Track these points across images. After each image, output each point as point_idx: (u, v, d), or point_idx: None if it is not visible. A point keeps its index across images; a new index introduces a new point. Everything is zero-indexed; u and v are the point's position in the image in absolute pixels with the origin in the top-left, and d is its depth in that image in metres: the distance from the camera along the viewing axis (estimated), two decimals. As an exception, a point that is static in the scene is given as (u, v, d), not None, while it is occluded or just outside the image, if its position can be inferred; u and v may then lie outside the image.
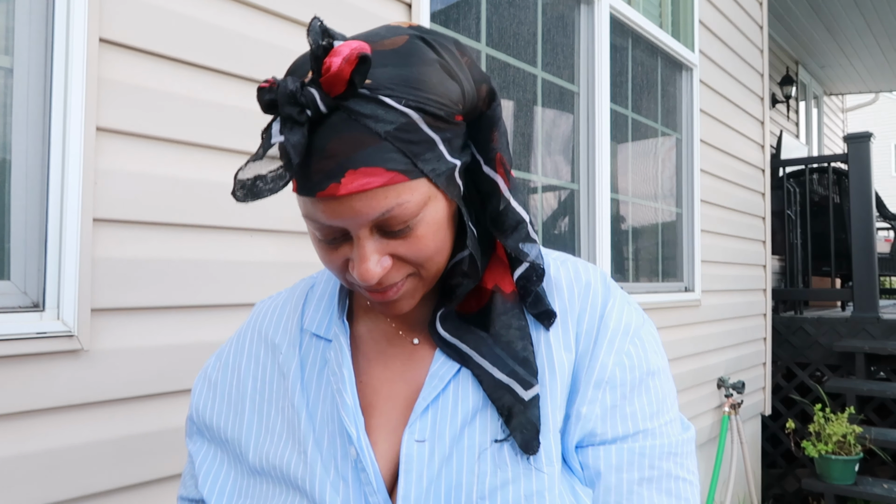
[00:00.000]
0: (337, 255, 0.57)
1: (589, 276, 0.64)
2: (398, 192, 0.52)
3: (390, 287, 0.57)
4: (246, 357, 0.71)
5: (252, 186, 0.50)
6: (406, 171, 0.51)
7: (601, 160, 2.61)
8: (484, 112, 0.58)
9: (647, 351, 0.62)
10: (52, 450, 1.11)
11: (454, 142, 0.55)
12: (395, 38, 0.53)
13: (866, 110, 10.64)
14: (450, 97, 0.53)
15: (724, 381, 3.49)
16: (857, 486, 3.37)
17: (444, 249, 0.58)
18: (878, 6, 5.59)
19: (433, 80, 0.52)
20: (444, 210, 0.56)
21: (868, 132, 4.10)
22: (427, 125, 0.52)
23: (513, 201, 0.60)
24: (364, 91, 0.50)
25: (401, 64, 0.52)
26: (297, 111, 0.49)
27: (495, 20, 2.21)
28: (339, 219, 0.52)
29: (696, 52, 3.33)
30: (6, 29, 1.10)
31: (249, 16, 1.42)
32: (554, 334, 0.61)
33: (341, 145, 0.50)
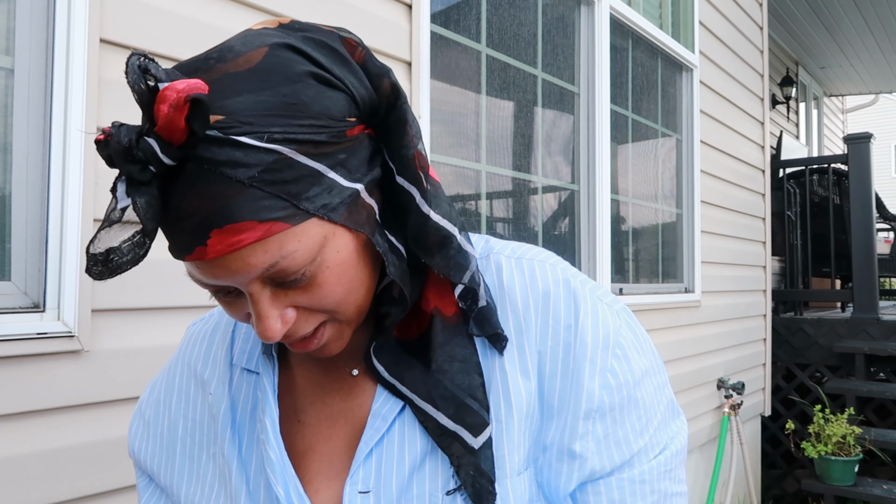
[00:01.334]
0: (238, 310, 0.49)
1: (547, 281, 0.55)
2: (280, 244, 0.44)
3: (306, 339, 0.50)
4: (176, 394, 0.63)
5: (107, 262, 0.43)
6: (286, 218, 0.43)
7: (601, 161, 2.61)
8: (390, 113, 0.49)
9: (631, 357, 0.54)
10: (53, 450, 1.11)
11: (351, 161, 0.46)
12: (251, 53, 0.44)
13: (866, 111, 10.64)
14: (332, 114, 0.45)
15: (723, 382, 3.49)
16: (856, 486, 3.37)
17: (360, 287, 0.50)
18: (878, 7, 5.59)
19: (305, 98, 0.43)
20: (349, 246, 0.48)
21: (868, 133, 4.10)
22: (305, 156, 0.43)
23: (433, 215, 0.50)
24: (214, 133, 0.41)
25: (259, 87, 0.43)
26: (138, 169, 0.41)
27: (495, 21, 2.22)
28: (218, 279, 0.45)
29: (696, 53, 3.33)
30: (7, 30, 1.10)
31: (249, 17, 1.42)
32: (509, 358, 0.53)
33: (199, 202, 0.42)
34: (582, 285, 0.55)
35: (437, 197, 0.51)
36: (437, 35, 1.96)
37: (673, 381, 3.04)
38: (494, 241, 0.60)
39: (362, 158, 0.47)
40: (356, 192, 0.47)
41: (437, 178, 0.53)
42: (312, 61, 0.45)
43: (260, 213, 0.42)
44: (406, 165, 0.49)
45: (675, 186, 3.30)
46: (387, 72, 0.48)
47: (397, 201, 0.51)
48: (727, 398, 3.47)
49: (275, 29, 0.47)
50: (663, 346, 2.96)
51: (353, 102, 0.46)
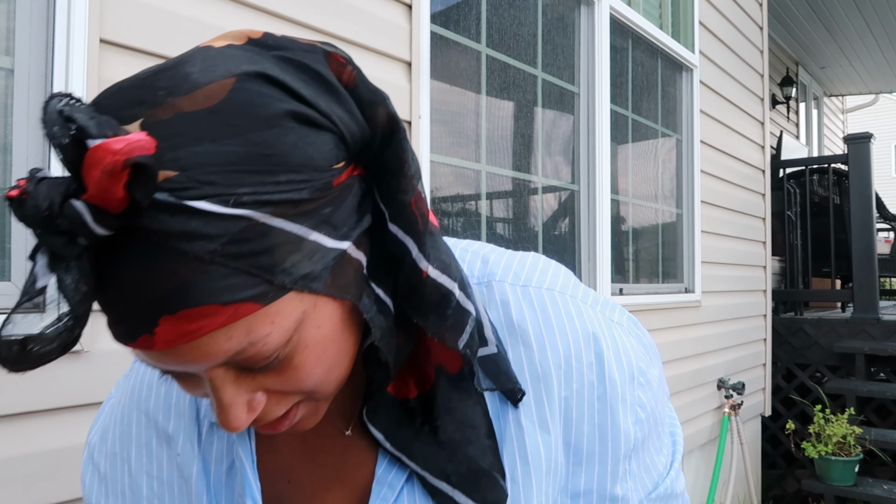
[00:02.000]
0: (193, 388, 0.41)
1: (561, 317, 0.48)
2: (248, 328, 0.35)
3: (276, 421, 0.42)
4: (136, 446, 0.54)
5: (22, 352, 0.33)
6: (256, 297, 0.35)
7: (601, 161, 2.61)
8: (384, 148, 0.40)
9: (651, 380, 0.50)
10: (53, 450, 1.11)
11: (338, 215, 0.38)
12: (212, 86, 0.34)
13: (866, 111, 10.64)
14: (316, 162, 0.36)
15: (724, 382, 3.49)
16: (856, 487, 3.37)
17: (343, 360, 0.42)
18: (878, 7, 5.59)
19: (282, 147, 0.34)
20: (332, 318, 0.40)
21: (868, 133, 4.10)
22: (282, 219, 0.35)
23: (431, 271, 0.42)
24: (165, 197, 0.32)
25: (223, 134, 0.33)
26: (64, 242, 0.32)
27: (495, 21, 2.22)
28: (169, 365, 0.37)
29: (696, 53, 3.34)
30: (7, 30, 1.10)
31: (250, 17, 1.42)
32: (525, 411, 0.46)
33: (144, 283, 0.33)
34: (593, 310, 0.50)
35: (436, 247, 0.43)
36: (437, 35, 1.96)
37: (673, 381, 3.04)
38: (492, 257, 0.52)
39: (351, 208, 0.39)
40: (343, 252, 0.38)
41: (436, 223, 0.44)
42: (292, 94, 0.36)
43: (223, 295, 0.33)
44: (402, 212, 0.40)
45: (675, 186, 3.30)
46: (382, 99, 0.39)
47: (388, 249, 0.42)
48: (727, 398, 3.47)
49: (243, 48, 0.37)
50: (663, 347, 2.96)
51: (342, 142, 0.38)
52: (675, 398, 3.08)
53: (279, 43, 0.38)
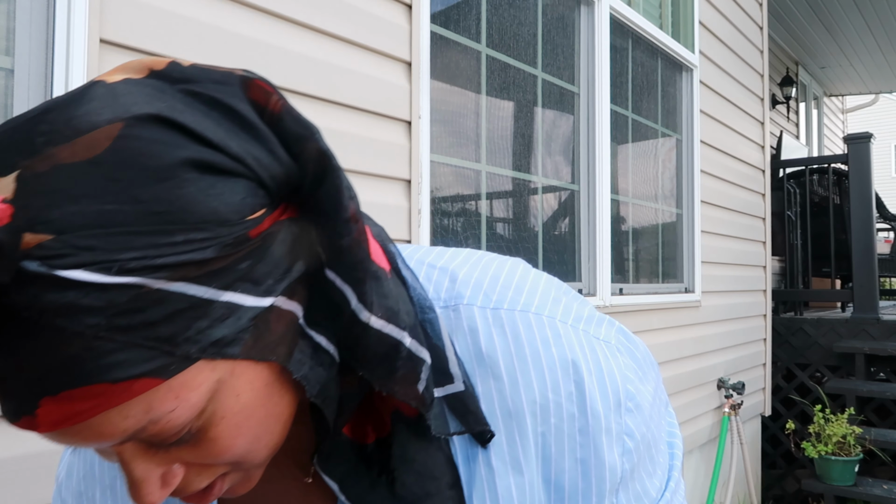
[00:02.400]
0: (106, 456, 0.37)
1: (536, 343, 0.43)
2: (147, 405, 0.31)
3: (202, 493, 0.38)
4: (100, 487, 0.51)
5: None
6: (154, 371, 0.30)
7: (601, 161, 2.62)
8: (317, 187, 0.35)
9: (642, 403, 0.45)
10: (54, 450, 1.11)
11: (259, 268, 0.33)
12: (95, 133, 0.30)
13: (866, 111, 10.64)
14: (223, 216, 0.31)
15: (724, 382, 3.49)
16: (856, 486, 3.38)
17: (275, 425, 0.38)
18: (878, 7, 5.59)
19: (179, 203, 0.30)
20: (255, 383, 0.35)
21: (868, 133, 4.10)
22: (183, 283, 0.30)
23: (374, 321, 0.37)
24: (35, 268, 0.28)
25: (105, 190, 0.29)
26: None
27: (495, 21, 2.22)
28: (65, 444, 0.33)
29: (696, 53, 3.34)
30: (7, 30, 1.10)
31: (249, 17, 1.42)
32: (496, 450, 0.42)
33: (19, 364, 0.29)
34: (574, 331, 0.44)
35: (381, 293, 0.38)
36: (436, 35, 1.96)
37: (673, 381, 3.04)
38: (462, 273, 0.46)
39: (278, 257, 0.34)
40: (267, 308, 0.34)
41: (384, 265, 0.39)
42: (195, 138, 0.31)
43: (113, 372, 0.29)
44: (339, 257, 0.36)
45: (675, 186, 3.30)
46: (311, 133, 0.35)
47: (327, 295, 0.37)
48: (727, 398, 3.47)
49: (141, 83, 0.33)
50: (663, 346, 2.96)
51: (261, 187, 0.33)
52: (675, 398, 3.08)
53: (187, 74, 0.34)
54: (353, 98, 1.62)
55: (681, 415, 3.12)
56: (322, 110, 1.56)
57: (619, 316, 2.66)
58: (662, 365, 2.96)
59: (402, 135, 1.76)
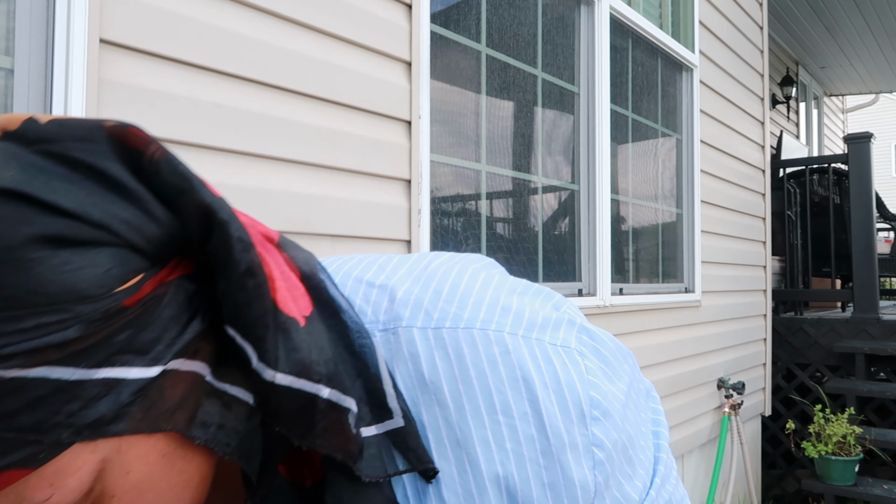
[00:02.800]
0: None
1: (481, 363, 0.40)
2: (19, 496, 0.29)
3: None
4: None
5: None
6: (22, 462, 0.28)
7: (601, 161, 2.62)
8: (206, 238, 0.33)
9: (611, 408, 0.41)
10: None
11: (143, 336, 0.31)
12: None
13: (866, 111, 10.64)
14: (84, 291, 0.28)
15: (724, 382, 3.49)
16: (856, 486, 3.38)
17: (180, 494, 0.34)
18: (878, 7, 5.59)
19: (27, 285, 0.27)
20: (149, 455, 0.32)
21: (868, 133, 4.10)
22: (44, 366, 0.28)
23: (279, 378, 0.34)
24: None
25: None
26: None
27: (495, 21, 2.22)
28: None
29: (696, 53, 3.34)
30: (7, 30, 1.10)
31: (249, 16, 1.42)
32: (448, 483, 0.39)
33: None
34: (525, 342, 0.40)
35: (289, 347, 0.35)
36: (436, 35, 1.96)
37: (673, 381, 3.04)
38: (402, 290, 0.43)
39: (167, 320, 0.32)
40: (157, 377, 0.31)
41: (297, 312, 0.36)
42: (47, 209, 0.28)
43: None
44: (237, 313, 0.33)
45: (676, 186, 3.30)
46: (190, 186, 0.32)
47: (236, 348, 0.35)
48: (727, 398, 3.47)
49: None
50: (663, 346, 2.96)
51: (135, 252, 0.30)
52: (675, 398, 3.08)
53: (44, 133, 0.30)
54: (353, 98, 1.62)
55: (681, 415, 3.12)
56: (322, 110, 1.56)
57: (619, 316, 2.66)
58: (662, 365, 2.96)
59: (402, 135, 1.76)
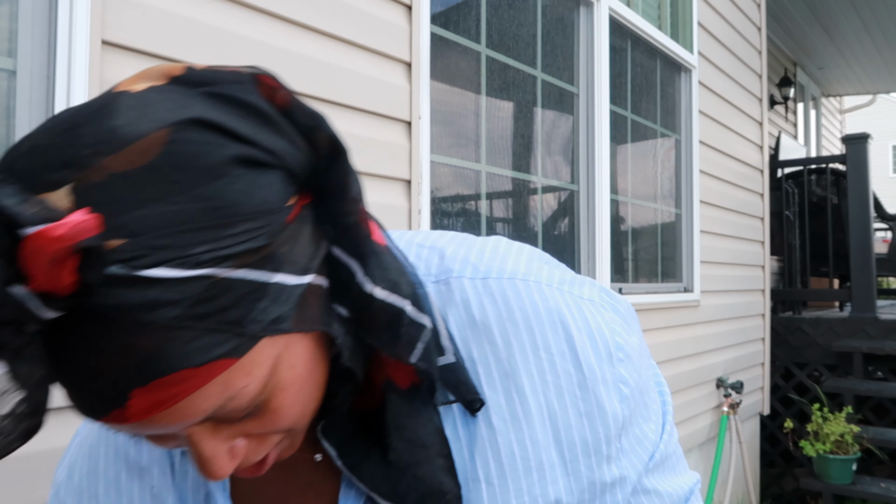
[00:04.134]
0: (167, 444, 0.39)
1: (525, 307, 0.46)
2: (225, 384, 0.34)
3: (258, 464, 0.42)
4: (103, 482, 0.51)
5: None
6: (230, 352, 0.33)
7: (601, 161, 2.62)
8: (328, 172, 0.38)
9: (630, 352, 0.48)
10: (55, 450, 1.11)
11: (296, 251, 0.36)
12: (144, 140, 0.32)
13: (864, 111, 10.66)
14: (269, 205, 0.34)
15: (722, 381, 3.50)
16: (854, 485, 3.39)
17: (318, 392, 0.41)
18: (876, 8, 5.61)
19: (233, 197, 0.32)
20: (305, 354, 0.39)
21: (866, 133, 4.11)
22: (244, 269, 0.33)
23: (378, 292, 0.40)
24: (117, 270, 0.30)
25: (167, 192, 0.31)
26: (11, 332, 0.30)
27: (495, 22, 2.22)
28: (144, 433, 0.35)
29: (694, 54, 3.34)
30: (9, 31, 1.10)
31: (250, 18, 1.42)
32: (496, 410, 0.44)
33: (108, 359, 0.31)
34: (559, 292, 0.47)
35: (382, 267, 0.41)
36: (436, 36, 1.97)
37: (672, 380, 3.05)
38: (450, 250, 0.49)
39: (307, 239, 0.37)
40: (306, 286, 0.37)
41: (381, 241, 0.42)
42: (233, 137, 0.33)
43: (195, 357, 0.32)
44: (345, 235, 0.39)
45: (674, 186, 3.31)
46: (320, 122, 0.37)
47: (335, 271, 0.40)
48: (726, 397, 3.48)
49: (166, 89, 0.34)
50: (662, 346, 2.97)
51: (290, 176, 0.36)
52: (674, 397, 3.09)
53: (203, 77, 0.35)
54: (354, 98, 1.63)
55: (679, 414, 3.13)
56: (322, 111, 1.56)
57: (618, 316, 2.66)
58: (661, 364, 2.97)
59: (403, 135, 1.77)
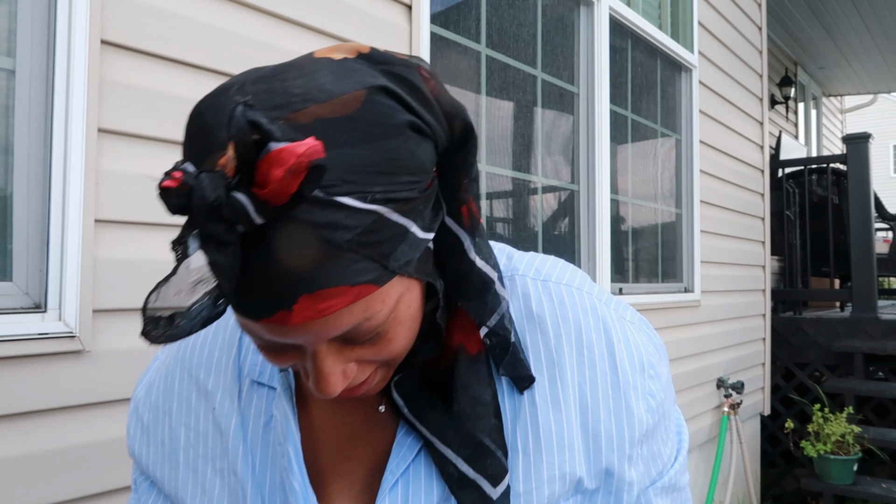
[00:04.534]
0: (285, 361, 0.46)
1: (577, 310, 0.53)
2: (366, 306, 0.41)
3: (357, 387, 0.47)
4: (176, 400, 0.59)
5: (168, 325, 0.39)
6: (376, 280, 0.40)
7: (601, 161, 2.62)
8: (457, 153, 0.46)
9: (660, 374, 0.54)
10: (53, 450, 1.11)
11: (427, 211, 0.43)
12: (347, 96, 0.39)
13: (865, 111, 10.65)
14: (423, 166, 0.41)
15: (723, 382, 3.50)
16: (855, 485, 3.38)
17: (416, 332, 0.48)
18: (876, 8, 5.60)
19: (404, 153, 0.40)
20: (417, 298, 0.46)
21: (867, 133, 4.10)
22: (399, 214, 0.40)
23: (478, 261, 0.48)
24: (317, 193, 0.37)
25: (361, 139, 0.38)
26: (224, 229, 0.36)
27: (495, 21, 2.22)
28: (288, 339, 0.41)
29: (695, 54, 3.34)
30: (8, 31, 1.10)
31: (249, 17, 1.42)
32: (540, 390, 0.51)
33: (290, 265, 0.37)
34: (607, 307, 0.55)
35: (483, 242, 0.49)
36: (436, 36, 1.96)
37: (673, 380, 3.04)
38: (516, 255, 0.58)
39: (435, 204, 0.45)
40: (428, 242, 0.44)
41: (482, 221, 0.50)
42: (407, 107, 0.41)
43: (353, 278, 0.39)
44: (459, 208, 0.47)
45: (675, 186, 3.31)
46: (460, 111, 0.45)
47: (441, 241, 0.48)
48: (727, 397, 3.48)
49: (357, 61, 0.42)
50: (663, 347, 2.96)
51: (436, 149, 0.44)
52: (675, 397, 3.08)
53: (383, 58, 0.42)
54: (354, 98, 1.62)
55: (680, 414, 3.12)
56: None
57: (618, 316, 2.66)
58: (662, 364, 2.96)
59: (402, 135, 1.77)
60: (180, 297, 0.39)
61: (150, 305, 0.39)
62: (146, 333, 0.39)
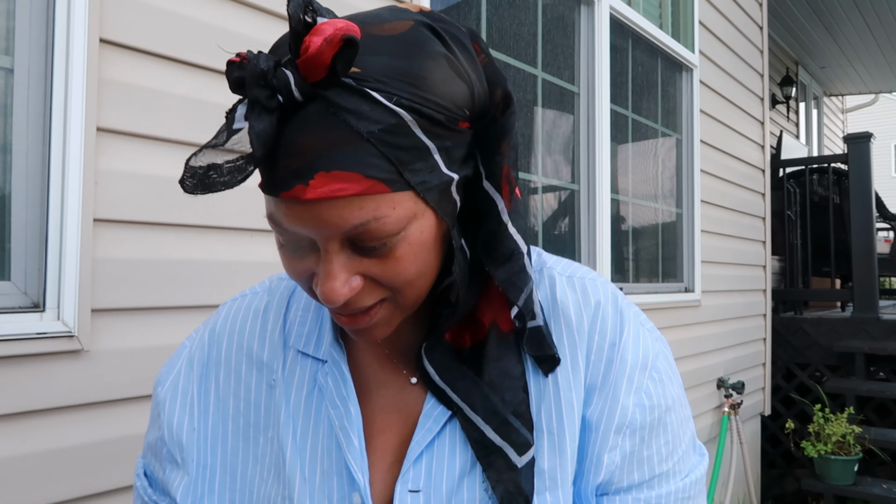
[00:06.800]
0: (301, 266, 0.49)
1: (599, 298, 0.57)
2: (376, 205, 0.44)
3: (361, 313, 0.49)
4: (224, 370, 0.62)
5: (204, 177, 0.43)
6: (388, 181, 0.44)
7: (601, 161, 2.61)
8: (496, 119, 0.50)
9: (665, 383, 0.56)
10: (53, 450, 1.11)
11: (454, 152, 0.47)
12: (397, 22, 0.46)
13: (866, 111, 10.64)
14: (454, 99, 0.46)
15: (723, 382, 3.49)
16: (856, 486, 3.38)
17: (428, 274, 0.50)
18: (878, 7, 5.59)
19: (436, 77, 0.45)
20: (431, 229, 0.48)
21: (868, 132, 4.10)
22: (421, 129, 0.44)
23: (510, 227, 0.51)
24: (349, 81, 0.42)
25: (399, 54, 0.44)
26: (267, 95, 0.42)
27: (495, 21, 2.22)
28: (304, 225, 0.45)
29: (696, 53, 3.34)
30: (7, 29, 1.10)
31: (249, 16, 1.42)
32: (562, 372, 0.55)
33: (314, 141, 0.42)
34: (628, 308, 0.58)
35: (516, 212, 0.52)
36: (436, 35, 1.96)
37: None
38: (545, 254, 0.62)
39: (462, 152, 0.48)
40: (450, 181, 0.47)
41: (519, 193, 0.53)
42: (448, 47, 0.47)
43: (368, 169, 0.43)
44: (496, 172, 0.51)
45: (675, 186, 3.30)
46: (503, 82, 0.50)
47: (476, 206, 0.52)
48: (727, 397, 3.47)
49: (418, 11, 0.49)
50: (663, 346, 2.96)
51: (472, 97, 0.47)
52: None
53: (441, 18, 0.49)
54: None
55: (680, 414, 3.12)
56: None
57: (618, 315, 2.65)
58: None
59: (402, 134, 1.76)
60: (216, 155, 0.43)
61: (191, 161, 0.43)
62: (183, 182, 0.43)
